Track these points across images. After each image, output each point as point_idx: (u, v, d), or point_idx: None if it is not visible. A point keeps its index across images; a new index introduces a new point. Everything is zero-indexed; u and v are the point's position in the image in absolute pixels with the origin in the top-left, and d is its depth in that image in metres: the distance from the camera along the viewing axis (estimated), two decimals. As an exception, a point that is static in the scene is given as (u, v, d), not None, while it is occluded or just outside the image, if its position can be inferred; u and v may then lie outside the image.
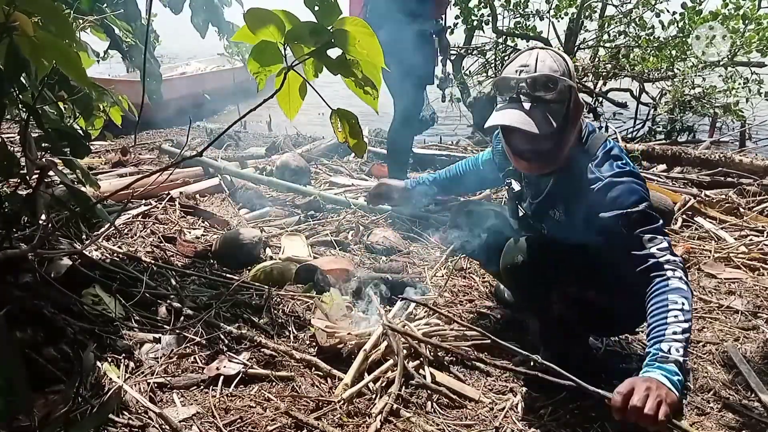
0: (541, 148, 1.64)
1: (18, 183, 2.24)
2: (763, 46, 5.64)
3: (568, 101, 1.61)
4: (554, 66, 1.60)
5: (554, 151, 1.64)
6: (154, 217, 2.94)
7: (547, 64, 1.60)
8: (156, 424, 1.45)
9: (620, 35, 6.88)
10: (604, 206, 1.55)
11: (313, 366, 1.80)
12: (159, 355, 1.75)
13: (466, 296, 2.43)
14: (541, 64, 1.60)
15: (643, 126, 6.84)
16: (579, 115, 1.64)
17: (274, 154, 4.53)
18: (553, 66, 1.60)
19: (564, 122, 1.61)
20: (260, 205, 3.31)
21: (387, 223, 3.14)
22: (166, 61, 9.55)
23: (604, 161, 1.62)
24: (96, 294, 1.93)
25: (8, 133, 4.42)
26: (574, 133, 1.65)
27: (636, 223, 1.51)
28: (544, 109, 1.58)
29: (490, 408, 1.71)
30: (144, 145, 4.99)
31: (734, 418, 1.74)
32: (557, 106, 1.59)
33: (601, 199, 1.56)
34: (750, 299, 2.47)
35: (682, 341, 1.34)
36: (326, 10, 1.34)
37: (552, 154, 1.65)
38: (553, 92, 1.58)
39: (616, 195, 1.55)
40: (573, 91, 1.61)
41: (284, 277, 2.34)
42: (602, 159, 1.63)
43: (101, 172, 3.73)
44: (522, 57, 1.65)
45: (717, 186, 4.05)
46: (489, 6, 6.87)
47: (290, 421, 1.53)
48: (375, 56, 1.42)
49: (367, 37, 1.38)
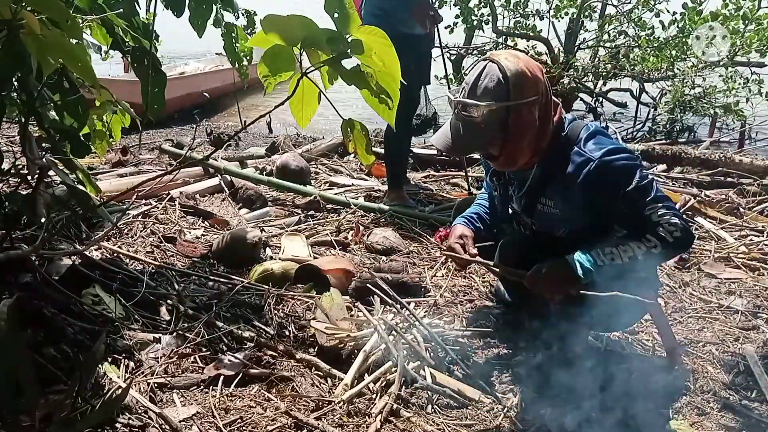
0: (491, 153, 1.72)
1: (18, 183, 2.24)
2: (763, 46, 5.64)
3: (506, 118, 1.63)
4: (490, 86, 1.61)
5: (510, 153, 1.69)
6: (154, 217, 2.94)
7: (484, 83, 1.62)
8: (156, 424, 1.45)
9: (620, 35, 6.88)
10: (600, 187, 1.63)
11: (313, 366, 1.80)
12: (159, 355, 1.75)
13: (466, 296, 2.43)
14: (481, 82, 1.63)
15: (643, 126, 6.84)
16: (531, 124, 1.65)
17: (274, 154, 4.54)
18: (489, 86, 1.61)
19: (503, 135, 1.65)
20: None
21: (387, 223, 3.14)
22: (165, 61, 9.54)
23: (588, 142, 1.67)
24: (96, 294, 1.93)
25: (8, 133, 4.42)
26: (527, 139, 1.66)
27: (634, 201, 1.61)
28: (472, 127, 1.65)
29: (490, 408, 1.71)
30: (144, 145, 4.99)
31: (734, 418, 1.74)
32: (487, 124, 1.63)
33: (596, 179, 1.63)
34: (750, 299, 2.47)
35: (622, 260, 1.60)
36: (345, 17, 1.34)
37: (508, 155, 1.69)
38: (479, 115, 1.62)
39: (610, 175, 1.62)
40: (511, 110, 1.62)
41: (284, 277, 2.34)
42: (586, 141, 1.68)
43: (101, 172, 3.73)
44: (472, 70, 1.69)
45: (717, 186, 4.04)
46: (489, 6, 6.87)
47: (290, 421, 1.53)
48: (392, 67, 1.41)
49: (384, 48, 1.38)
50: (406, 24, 3.08)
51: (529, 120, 1.64)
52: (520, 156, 1.70)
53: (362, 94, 1.49)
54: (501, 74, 1.61)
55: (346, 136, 1.61)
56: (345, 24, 1.35)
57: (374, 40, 1.37)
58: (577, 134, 1.71)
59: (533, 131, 1.66)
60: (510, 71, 1.60)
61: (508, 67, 1.61)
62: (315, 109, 1.58)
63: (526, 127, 1.65)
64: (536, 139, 1.68)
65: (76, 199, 1.79)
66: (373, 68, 1.41)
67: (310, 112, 1.57)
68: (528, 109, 1.63)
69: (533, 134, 1.66)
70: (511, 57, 1.64)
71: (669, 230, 1.59)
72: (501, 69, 1.61)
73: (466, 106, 1.64)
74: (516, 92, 1.61)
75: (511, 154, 1.69)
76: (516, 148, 1.67)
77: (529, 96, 1.62)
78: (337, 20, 1.35)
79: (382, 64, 1.40)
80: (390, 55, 1.39)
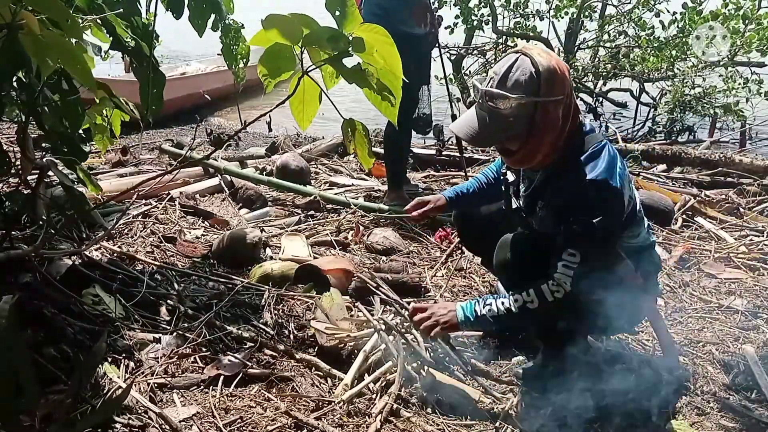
0: (508, 148, 1.69)
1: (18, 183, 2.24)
2: (763, 46, 5.63)
3: (533, 113, 1.60)
4: (522, 79, 1.58)
5: (526, 152, 1.66)
6: (154, 217, 2.94)
7: (515, 75, 1.58)
8: (156, 424, 1.45)
9: (620, 35, 6.88)
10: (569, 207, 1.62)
11: (313, 366, 1.80)
12: (159, 355, 1.75)
13: (466, 296, 2.43)
14: (512, 74, 1.58)
15: (643, 126, 6.83)
16: (555, 122, 1.62)
17: (274, 154, 4.54)
18: (522, 78, 1.58)
19: (528, 130, 1.62)
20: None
21: (387, 223, 3.14)
22: (167, 61, 9.55)
23: (589, 161, 1.64)
24: (96, 294, 1.93)
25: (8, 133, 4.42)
26: (549, 138, 1.64)
27: (572, 233, 1.59)
28: (498, 119, 1.61)
29: (490, 408, 1.71)
30: (144, 144, 4.99)
31: (734, 418, 1.74)
32: (515, 117, 1.60)
33: (570, 200, 1.62)
34: (750, 299, 2.47)
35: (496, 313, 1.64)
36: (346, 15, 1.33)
37: (527, 152, 1.66)
38: (507, 107, 1.59)
39: (579, 201, 1.61)
40: (539, 106, 1.59)
41: (284, 277, 2.34)
42: (587, 160, 1.64)
43: (101, 172, 3.73)
44: (502, 61, 1.64)
45: (717, 186, 4.05)
46: (489, 6, 6.87)
47: (290, 421, 1.52)
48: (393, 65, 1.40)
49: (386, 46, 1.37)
50: (406, 23, 3.08)
51: (554, 118, 1.61)
52: (537, 154, 1.67)
53: (364, 93, 1.48)
54: (533, 68, 1.58)
55: (347, 136, 1.61)
56: (346, 22, 1.35)
57: (375, 38, 1.37)
58: (587, 148, 1.67)
59: (555, 131, 1.63)
60: (542, 66, 1.57)
61: (541, 63, 1.58)
62: (316, 110, 1.57)
63: (550, 125, 1.62)
64: (555, 140, 1.65)
65: (72, 201, 1.78)
66: (375, 66, 1.41)
67: (311, 112, 1.56)
68: (555, 107, 1.61)
69: (555, 134, 1.64)
70: (544, 53, 1.61)
71: (553, 289, 1.59)
72: (533, 63, 1.58)
73: (495, 96, 1.60)
74: (546, 88, 1.58)
75: (530, 152, 1.66)
76: (537, 145, 1.64)
77: (557, 94, 1.59)
78: (338, 18, 1.35)
79: (383, 62, 1.40)
80: (391, 53, 1.39)
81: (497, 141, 1.71)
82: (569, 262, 1.58)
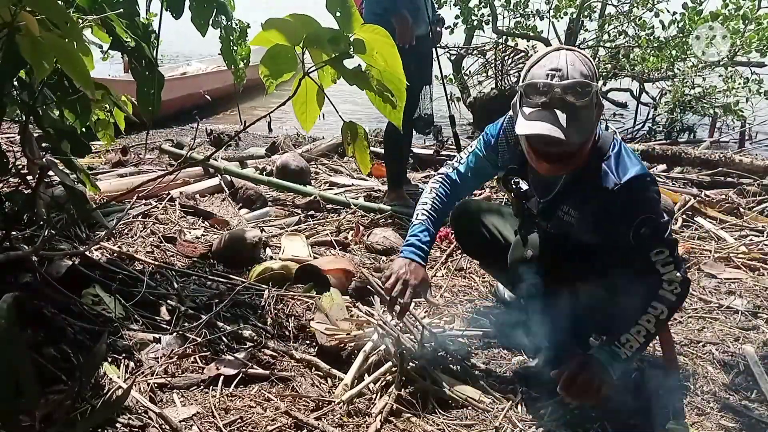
0: (568, 152, 1.59)
1: (18, 183, 2.24)
2: (763, 46, 5.63)
3: (596, 105, 1.57)
4: (584, 70, 1.53)
5: (578, 154, 1.62)
6: (154, 217, 2.94)
7: (577, 67, 1.52)
8: (156, 424, 1.45)
9: (620, 35, 6.87)
10: (618, 210, 1.59)
11: (313, 366, 1.80)
12: (159, 355, 1.75)
13: (466, 296, 2.43)
14: (572, 68, 1.52)
15: (643, 126, 6.83)
16: (600, 116, 1.61)
17: (274, 154, 4.53)
18: (583, 70, 1.53)
19: (594, 124, 1.60)
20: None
21: (387, 223, 3.13)
22: (167, 61, 9.55)
23: (618, 162, 1.62)
24: (96, 294, 1.93)
25: (8, 133, 4.42)
26: (594, 132, 1.63)
27: (645, 237, 1.58)
28: (576, 116, 1.53)
29: (490, 408, 1.71)
30: (144, 144, 4.98)
31: (734, 418, 1.74)
32: (587, 111, 1.55)
33: (616, 202, 1.59)
34: (750, 299, 2.47)
35: (640, 343, 1.57)
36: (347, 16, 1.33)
37: (576, 157, 1.62)
38: (584, 99, 1.52)
39: (630, 203, 1.58)
40: (599, 94, 1.58)
41: (284, 278, 2.34)
42: (615, 159, 1.62)
43: (101, 172, 3.73)
44: (551, 59, 1.56)
45: (717, 186, 4.04)
46: (489, 6, 6.86)
47: (290, 421, 1.53)
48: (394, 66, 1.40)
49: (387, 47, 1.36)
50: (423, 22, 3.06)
51: (602, 106, 1.60)
52: (584, 154, 1.62)
53: (368, 96, 1.47)
54: (585, 58, 1.56)
55: (346, 138, 1.60)
56: (347, 23, 1.35)
57: (376, 39, 1.37)
58: (606, 147, 1.65)
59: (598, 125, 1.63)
60: (588, 58, 1.56)
61: (584, 55, 1.57)
62: (319, 112, 1.57)
63: (597, 119, 1.60)
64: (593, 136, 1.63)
65: (73, 201, 1.78)
66: (377, 68, 1.41)
67: (313, 114, 1.56)
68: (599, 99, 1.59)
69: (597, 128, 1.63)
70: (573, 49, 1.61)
71: (671, 289, 1.57)
72: (581, 56, 1.56)
73: (581, 86, 1.51)
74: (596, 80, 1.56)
75: (582, 151, 1.61)
76: (588, 142, 1.61)
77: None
78: (339, 19, 1.35)
79: (384, 64, 1.40)
80: (392, 54, 1.38)
81: (586, 137, 1.59)
82: (663, 259, 1.58)
